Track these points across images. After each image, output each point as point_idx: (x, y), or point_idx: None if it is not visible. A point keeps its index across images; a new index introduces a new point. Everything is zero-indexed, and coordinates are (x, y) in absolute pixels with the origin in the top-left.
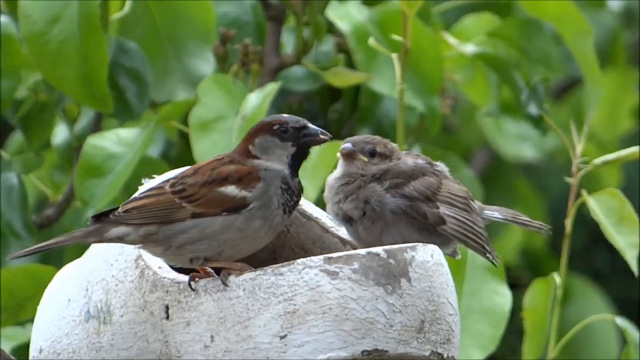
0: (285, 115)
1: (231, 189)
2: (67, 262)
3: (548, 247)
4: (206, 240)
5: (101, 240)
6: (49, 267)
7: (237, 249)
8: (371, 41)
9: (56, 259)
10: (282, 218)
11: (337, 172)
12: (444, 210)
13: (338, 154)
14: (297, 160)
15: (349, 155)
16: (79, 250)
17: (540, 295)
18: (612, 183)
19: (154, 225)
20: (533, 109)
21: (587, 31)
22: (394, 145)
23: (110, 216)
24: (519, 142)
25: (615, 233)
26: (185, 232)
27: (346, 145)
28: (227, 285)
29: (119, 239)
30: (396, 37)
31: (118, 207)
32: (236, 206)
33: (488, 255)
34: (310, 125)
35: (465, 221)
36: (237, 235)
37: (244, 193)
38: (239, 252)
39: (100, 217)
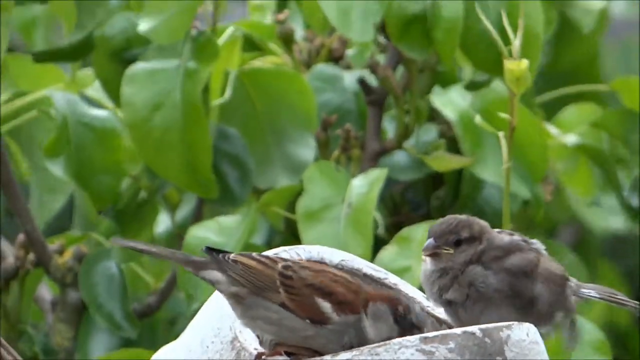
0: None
1: (326, 306)
2: (163, 345)
3: (634, 321)
4: (275, 327)
5: (196, 274)
6: (148, 351)
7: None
8: (478, 119)
9: (149, 342)
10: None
11: (428, 265)
12: (539, 289)
13: (423, 256)
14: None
15: (433, 255)
16: (176, 334)
17: None
18: None
19: (245, 288)
20: (635, 202)
21: None
22: (482, 223)
23: (220, 256)
24: (608, 215)
25: None
26: (267, 310)
27: (428, 244)
28: None
29: (211, 282)
30: (503, 115)
31: (230, 253)
32: (318, 321)
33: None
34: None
35: (559, 296)
36: (297, 340)
37: (333, 315)
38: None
39: (213, 250)
